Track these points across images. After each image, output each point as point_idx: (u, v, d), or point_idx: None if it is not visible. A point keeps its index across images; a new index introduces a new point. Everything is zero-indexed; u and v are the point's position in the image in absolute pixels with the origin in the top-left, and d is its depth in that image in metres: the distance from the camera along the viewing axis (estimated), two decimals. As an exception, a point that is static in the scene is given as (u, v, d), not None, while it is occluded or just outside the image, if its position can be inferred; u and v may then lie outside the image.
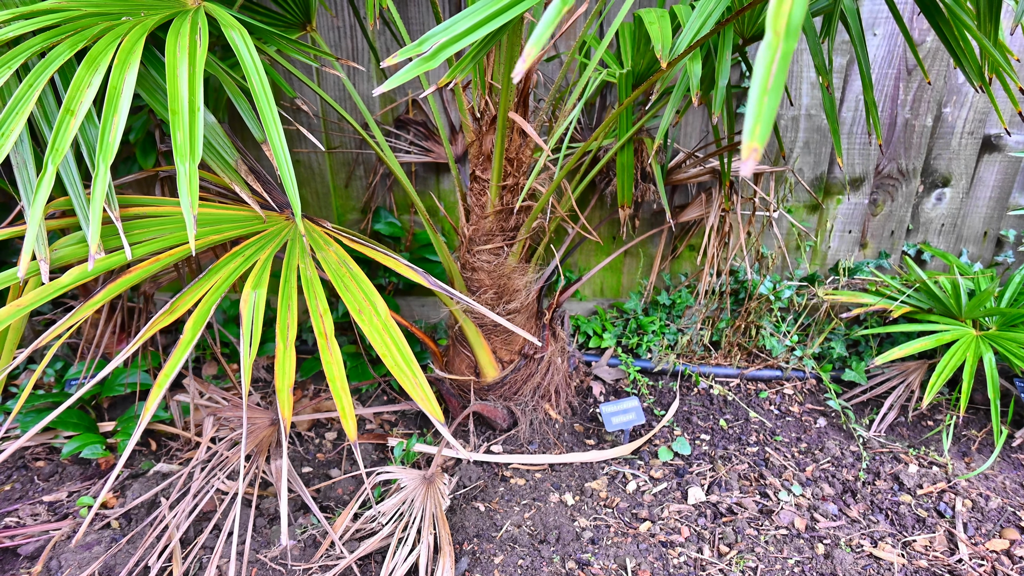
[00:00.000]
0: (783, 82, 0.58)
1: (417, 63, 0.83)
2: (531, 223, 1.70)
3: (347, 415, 0.92)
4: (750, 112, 0.57)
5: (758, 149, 0.56)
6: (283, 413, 0.93)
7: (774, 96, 0.57)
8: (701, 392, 2.16)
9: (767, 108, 0.57)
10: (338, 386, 0.96)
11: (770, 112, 0.57)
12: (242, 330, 1.02)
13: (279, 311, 1.05)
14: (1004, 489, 1.77)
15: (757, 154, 0.56)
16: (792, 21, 0.59)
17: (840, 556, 1.55)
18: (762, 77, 0.57)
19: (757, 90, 0.57)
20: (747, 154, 0.56)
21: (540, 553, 1.55)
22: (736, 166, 2.03)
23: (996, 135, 2.09)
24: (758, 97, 0.57)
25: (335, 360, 0.99)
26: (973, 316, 1.94)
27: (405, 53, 0.84)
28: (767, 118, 0.57)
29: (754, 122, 0.56)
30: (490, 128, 1.64)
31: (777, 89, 0.57)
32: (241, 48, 1.07)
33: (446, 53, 0.83)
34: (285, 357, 0.98)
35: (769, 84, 0.57)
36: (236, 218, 1.26)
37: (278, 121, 1.04)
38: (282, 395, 0.94)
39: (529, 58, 0.64)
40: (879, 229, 2.24)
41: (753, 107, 0.57)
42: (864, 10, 1.97)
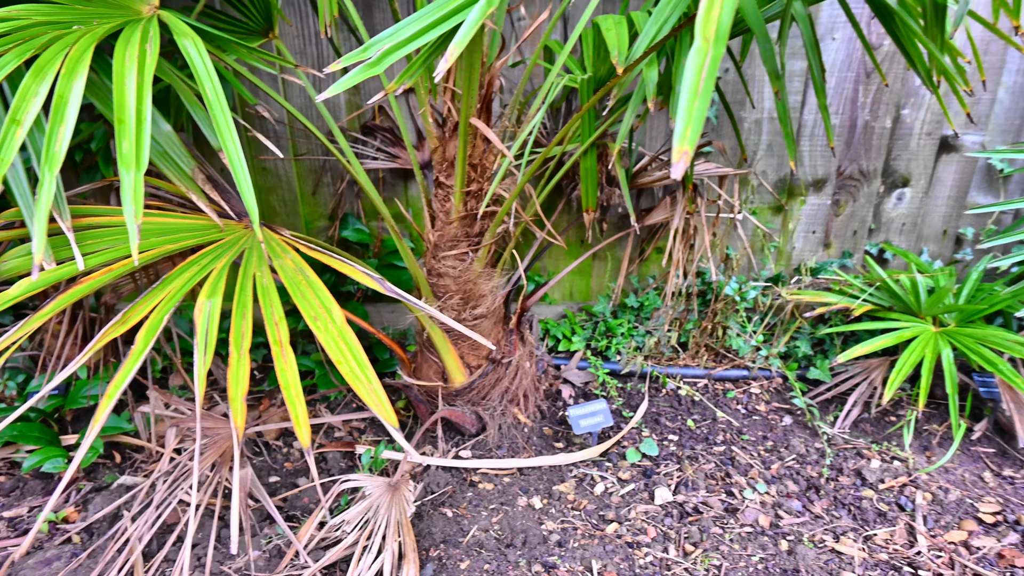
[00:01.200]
0: (712, 86, 0.59)
1: (362, 69, 0.83)
2: (495, 228, 1.71)
3: (300, 423, 0.92)
4: (680, 116, 0.58)
5: (688, 152, 0.58)
6: (236, 422, 0.93)
7: (704, 100, 0.59)
8: (670, 393, 2.18)
9: (697, 112, 0.58)
10: (292, 394, 0.96)
11: (700, 116, 0.58)
12: (196, 340, 1.01)
13: (233, 319, 1.04)
14: (963, 481, 1.80)
15: (688, 157, 0.57)
16: (721, 27, 0.60)
17: (803, 552, 1.57)
18: (692, 82, 0.59)
19: (687, 94, 0.59)
20: (678, 157, 0.57)
21: (506, 557, 1.55)
22: (698, 169, 2.06)
23: (953, 136, 2.14)
24: (688, 101, 0.58)
25: (289, 368, 0.98)
26: (933, 313, 1.98)
27: (349, 59, 0.85)
28: (697, 122, 0.58)
29: (684, 126, 0.58)
30: (453, 134, 1.65)
31: (707, 93, 0.59)
32: (194, 56, 1.07)
33: (391, 59, 0.83)
34: (239, 365, 0.98)
35: (699, 89, 0.59)
36: (193, 227, 1.25)
37: (233, 129, 1.04)
38: (235, 404, 0.94)
39: (451, 57, 0.65)
40: (842, 229, 2.28)
41: (684, 111, 0.58)
42: (823, 15, 2.01)
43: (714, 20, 0.57)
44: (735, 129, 1.81)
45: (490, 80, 1.59)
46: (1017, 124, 2.10)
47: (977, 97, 2.07)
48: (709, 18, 0.57)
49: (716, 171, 2.06)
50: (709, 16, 0.57)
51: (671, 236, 2.01)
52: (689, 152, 0.54)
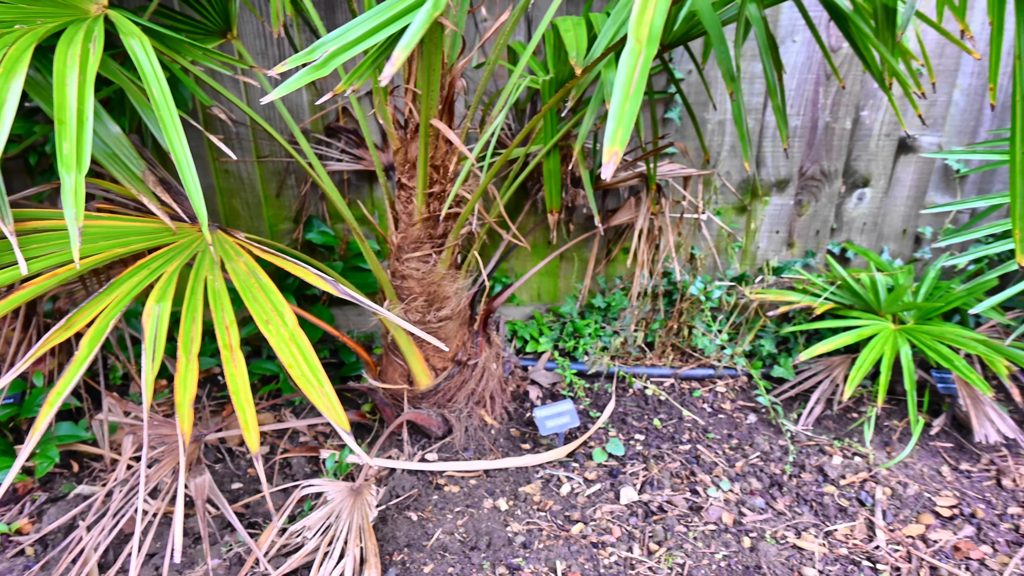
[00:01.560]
0: (643, 87, 0.59)
1: (308, 71, 0.82)
2: (459, 230, 1.70)
3: (249, 428, 0.91)
4: (612, 117, 0.58)
5: (618, 153, 0.57)
6: (182, 429, 0.91)
7: (635, 101, 0.59)
8: (636, 393, 2.19)
9: (628, 113, 0.58)
10: (242, 399, 0.94)
11: (630, 117, 0.58)
12: (144, 344, 0.99)
13: (183, 324, 1.02)
14: (922, 476, 1.84)
15: (617, 157, 0.57)
16: (653, 29, 0.61)
17: (765, 548, 1.58)
18: (624, 83, 0.59)
19: (619, 95, 0.59)
20: (607, 157, 0.57)
21: (470, 560, 1.54)
22: (663, 170, 2.07)
23: (911, 137, 2.18)
24: (620, 102, 0.58)
25: (239, 373, 0.97)
26: (892, 311, 2.02)
27: (296, 60, 0.84)
28: (628, 123, 0.58)
29: (615, 127, 0.58)
30: (414, 135, 1.64)
31: (638, 95, 0.59)
32: (140, 56, 1.05)
33: (337, 61, 0.83)
34: (187, 370, 0.96)
35: (631, 90, 0.59)
36: (144, 230, 1.23)
37: (181, 130, 1.02)
38: (182, 409, 0.92)
39: (398, 61, 0.64)
40: (805, 229, 2.31)
41: (615, 112, 0.58)
42: (784, 17, 2.04)
43: (647, 22, 0.57)
44: (697, 131, 1.82)
45: (451, 81, 1.58)
46: (972, 125, 2.14)
47: (933, 99, 2.11)
48: (642, 20, 0.58)
49: (680, 172, 2.08)
50: (642, 18, 0.58)
51: (636, 237, 2.02)
52: (619, 153, 0.54)
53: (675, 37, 1.60)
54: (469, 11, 1.72)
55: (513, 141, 2.09)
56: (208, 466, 1.89)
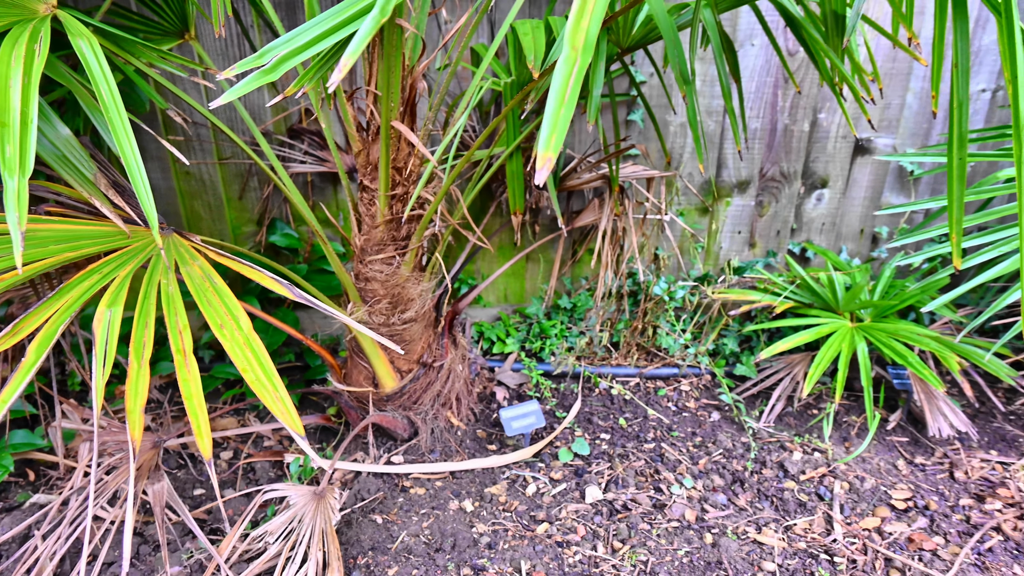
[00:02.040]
0: (577, 95, 0.60)
1: (257, 75, 0.82)
2: (422, 232, 1.70)
3: (202, 434, 0.90)
4: (546, 123, 0.59)
5: (552, 158, 0.58)
6: (132, 435, 0.90)
7: (569, 108, 0.60)
8: (603, 392, 2.21)
9: (562, 119, 0.59)
10: (194, 404, 0.94)
11: (564, 123, 0.59)
12: (95, 350, 0.98)
13: (135, 328, 1.01)
14: (878, 470, 1.88)
15: (551, 163, 0.58)
16: (589, 38, 0.62)
17: (726, 544, 1.61)
18: (559, 90, 0.59)
19: (554, 101, 0.60)
20: (541, 163, 0.58)
21: (435, 561, 1.54)
22: (626, 172, 2.10)
23: (867, 139, 2.23)
24: (554, 109, 0.59)
25: (192, 377, 0.96)
26: (850, 309, 2.07)
27: (245, 65, 0.83)
28: (562, 128, 0.59)
29: (549, 132, 0.58)
30: (376, 137, 1.64)
31: (572, 101, 0.60)
32: (88, 57, 1.03)
33: (286, 66, 0.82)
34: (138, 376, 0.95)
35: (566, 97, 0.60)
36: (97, 234, 1.21)
37: (130, 133, 1.01)
38: (132, 416, 0.91)
39: (345, 67, 0.64)
40: (766, 229, 2.35)
41: (549, 118, 0.59)
42: (742, 21, 2.08)
43: (583, 30, 0.58)
44: (658, 133, 1.85)
45: (412, 83, 1.58)
46: (925, 128, 2.20)
47: (887, 102, 2.16)
48: (578, 28, 0.58)
49: (643, 173, 2.10)
50: (578, 26, 0.58)
51: (600, 238, 2.04)
52: (552, 157, 0.55)
53: (634, 41, 1.62)
54: (430, 13, 1.72)
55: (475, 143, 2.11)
56: (170, 472, 1.86)
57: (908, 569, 1.54)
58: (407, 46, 1.61)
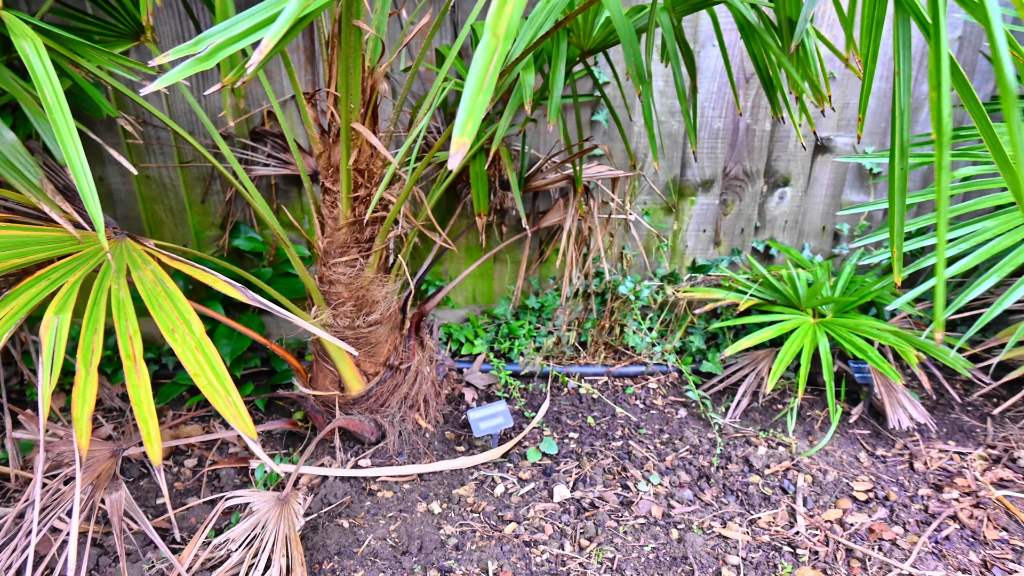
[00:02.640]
0: (495, 82, 0.60)
1: (192, 62, 0.81)
2: (385, 234, 1.69)
3: (151, 440, 0.89)
4: (463, 108, 0.59)
5: (467, 143, 0.58)
6: (79, 443, 0.88)
7: (487, 94, 0.60)
8: (571, 392, 2.22)
9: (479, 105, 0.59)
10: (144, 411, 0.92)
11: (480, 109, 0.59)
12: (41, 358, 0.96)
13: (83, 334, 0.99)
14: (841, 462, 1.91)
15: (465, 148, 0.58)
16: (511, 25, 0.62)
17: (692, 539, 1.63)
18: (478, 75, 0.60)
19: (472, 88, 0.60)
20: (456, 147, 0.58)
21: (401, 564, 1.54)
22: (590, 172, 2.11)
23: (826, 137, 2.27)
24: (472, 95, 0.59)
25: (142, 383, 0.95)
26: (811, 305, 2.10)
27: (179, 52, 0.82)
28: (477, 115, 0.59)
29: (465, 118, 0.59)
30: (336, 140, 1.63)
31: (490, 88, 0.60)
32: (32, 59, 1.01)
33: (222, 54, 0.81)
34: (86, 383, 0.93)
35: (484, 83, 0.60)
36: (46, 239, 1.19)
37: (76, 136, 0.99)
38: (79, 423, 0.89)
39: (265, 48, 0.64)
40: (730, 227, 2.38)
41: (466, 104, 0.59)
42: (703, 23, 2.10)
43: (505, 18, 0.59)
44: (622, 133, 1.86)
45: (373, 84, 1.58)
46: (883, 126, 2.25)
47: (846, 101, 2.20)
48: (501, 15, 0.59)
49: (608, 174, 2.12)
50: (501, 13, 0.59)
51: (565, 238, 2.05)
52: (467, 143, 0.55)
53: (595, 43, 1.63)
54: (391, 14, 1.72)
55: (447, 144, 2.11)
56: (132, 482, 1.83)
57: (868, 559, 1.57)
58: (367, 47, 1.61)
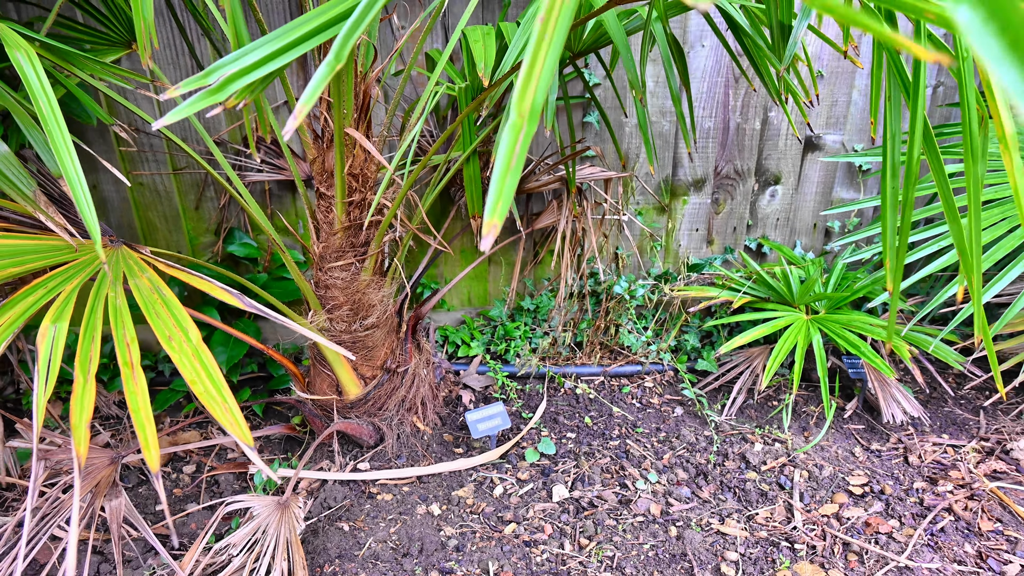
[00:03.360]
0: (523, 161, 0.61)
1: (203, 95, 0.82)
2: (381, 238, 1.70)
3: (149, 447, 0.89)
4: (493, 189, 0.59)
5: (498, 225, 0.59)
6: (78, 451, 0.89)
7: (515, 176, 0.60)
8: (568, 392, 2.23)
9: (508, 186, 0.60)
10: (142, 417, 0.93)
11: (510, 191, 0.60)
12: (38, 366, 0.96)
13: (81, 342, 1.00)
14: (836, 457, 1.93)
15: (496, 230, 0.59)
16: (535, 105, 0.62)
17: (690, 536, 1.64)
18: (505, 156, 0.60)
19: (500, 169, 0.60)
20: (487, 230, 0.58)
21: (403, 566, 1.54)
22: (583, 173, 2.12)
23: (816, 135, 2.29)
24: (500, 175, 0.60)
25: (140, 390, 0.95)
26: (804, 301, 2.12)
27: (190, 84, 0.83)
28: (508, 195, 0.59)
29: (495, 199, 0.59)
30: (330, 145, 1.64)
31: (518, 169, 0.60)
32: (27, 70, 1.02)
33: (234, 86, 0.82)
34: (84, 391, 0.93)
35: (512, 163, 0.60)
36: (43, 248, 1.19)
37: (70, 146, 1.00)
38: (78, 431, 0.90)
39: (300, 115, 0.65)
40: (723, 226, 2.40)
41: (496, 185, 0.59)
42: (692, 23, 2.12)
43: (529, 97, 0.59)
44: (612, 135, 1.88)
45: (366, 89, 1.59)
46: (871, 123, 2.27)
47: (834, 99, 2.22)
48: (524, 95, 0.59)
49: (600, 175, 2.13)
50: (524, 94, 0.59)
51: (559, 239, 2.06)
52: (498, 225, 0.56)
53: (585, 45, 1.64)
54: (382, 19, 1.73)
55: (432, 147, 2.11)
56: (131, 489, 1.83)
57: (865, 552, 1.58)
58: (359, 52, 1.62)
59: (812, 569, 1.54)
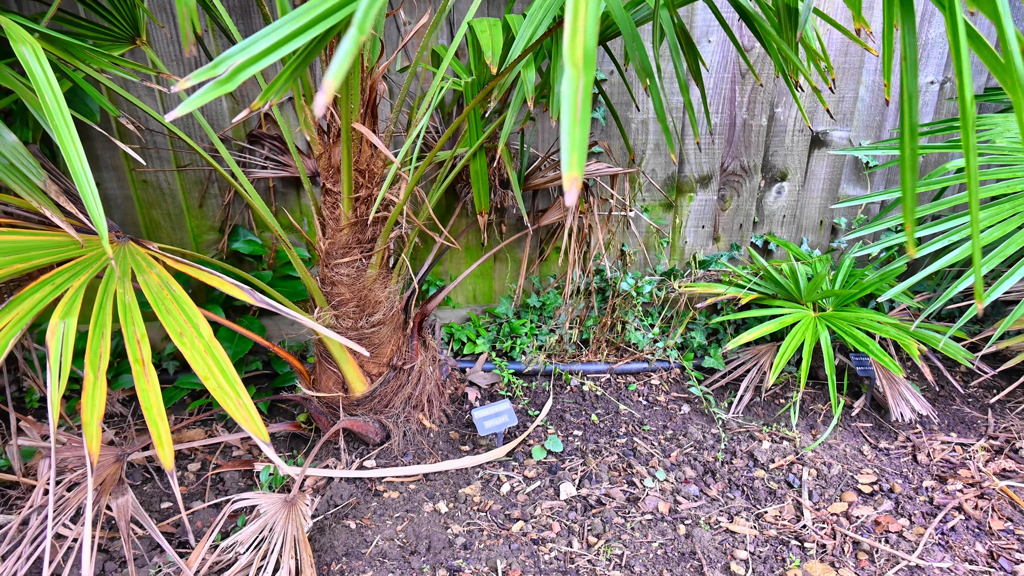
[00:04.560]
0: (590, 110, 0.60)
1: (212, 86, 0.80)
2: (387, 234, 1.69)
3: (163, 445, 0.88)
4: (565, 145, 0.58)
5: (579, 178, 0.58)
6: (90, 449, 0.88)
7: (584, 126, 0.59)
8: (574, 389, 2.22)
9: (579, 137, 0.59)
10: (154, 415, 0.92)
11: (583, 142, 0.59)
12: (49, 363, 0.95)
13: (90, 339, 0.99)
14: (844, 456, 1.92)
15: (578, 183, 0.58)
16: (588, 51, 0.61)
17: (699, 534, 1.63)
18: (570, 110, 0.59)
19: (568, 122, 0.59)
20: (569, 184, 0.57)
21: (410, 564, 1.53)
22: (589, 169, 2.11)
23: (823, 131, 2.28)
24: (570, 129, 0.59)
25: (152, 387, 0.94)
26: (812, 299, 2.11)
27: (199, 76, 0.82)
28: (581, 148, 0.58)
29: (570, 152, 0.58)
30: (337, 140, 1.62)
31: (586, 120, 0.59)
32: (32, 63, 1.01)
33: (243, 76, 0.81)
34: (95, 388, 0.92)
35: (578, 116, 0.59)
36: (49, 244, 1.18)
37: (76, 139, 0.98)
38: (89, 429, 0.89)
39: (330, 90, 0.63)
40: (729, 223, 2.39)
41: (567, 139, 0.58)
42: (698, 18, 2.10)
43: (579, 45, 0.58)
44: (621, 130, 1.86)
45: (372, 84, 1.57)
46: (878, 120, 2.26)
47: (841, 95, 2.21)
48: (575, 45, 0.58)
49: (607, 171, 2.12)
50: (575, 43, 0.58)
51: (566, 235, 2.05)
52: (579, 178, 0.55)
53: (593, 38, 1.63)
54: (388, 14, 1.72)
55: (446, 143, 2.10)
56: (136, 486, 1.82)
57: (875, 551, 1.58)
58: (365, 48, 1.60)
59: (822, 568, 1.53)
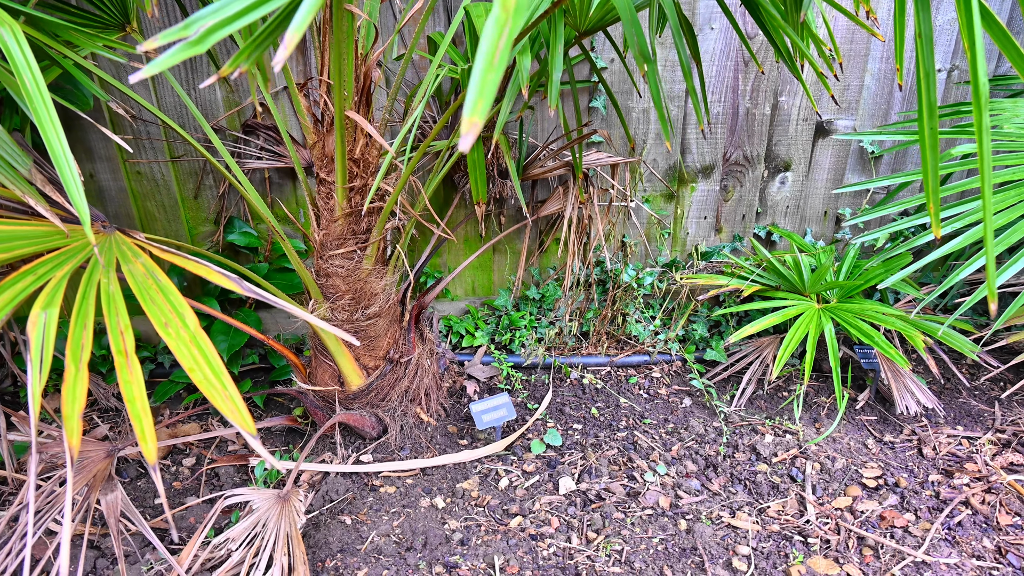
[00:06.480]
0: (507, 58, 0.57)
1: (183, 47, 0.77)
2: (383, 225, 1.66)
3: (146, 439, 0.85)
4: (473, 86, 0.56)
5: (478, 123, 0.55)
6: (70, 442, 0.85)
7: (498, 71, 0.56)
8: (574, 382, 2.19)
9: (490, 82, 0.56)
10: (138, 408, 0.89)
11: (492, 87, 0.56)
12: (30, 355, 0.93)
13: (72, 330, 0.96)
14: (849, 449, 1.89)
15: (477, 128, 0.55)
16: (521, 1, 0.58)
17: (701, 530, 1.60)
18: (488, 51, 0.56)
19: (482, 64, 0.56)
20: (467, 128, 0.54)
21: (406, 561, 1.51)
22: (589, 159, 2.08)
23: (827, 120, 2.24)
24: (483, 71, 0.56)
25: (135, 380, 0.91)
26: (816, 290, 2.07)
27: (168, 36, 0.78)
28: (489, 93, 0.55)
29: (476, 96, 0.55)
30: (330, 129, 1.59)
31: (502, 64, 0.56)
32: (11, 46, 0.98)
33: (215, 37, 0.77)
34: (76, 380, 0.89)
35: (495, 59, 0.56)
36: (32, 234, 1.15)
37: (57, 124, 0.95)
38: (70, 422, 0.86)
39: (291, 44, 0.60)
40: (731, 214, 2.35)
41: (477, 81, 0.56)
42: (700, 5, 2.06)
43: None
44: (621, 119, 1.83)
45: (367, 72, 1.54)
46: (883, 108, 2.22)
47: (846, 84, 2.17)
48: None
49: (607, 160, 2.08)
50: None
51: (565, 226, 2.02)
52: (479, 123, 0.52)
53: (591, 23, 1.59)
54: (382, 0, 1.68)
55: (443, 132, 2.07)
56: (130, 482, 1.80)
57: (881, 547, 1.55)
58: (360, 34, 1.57)
59: (826, 564, 1.50)
